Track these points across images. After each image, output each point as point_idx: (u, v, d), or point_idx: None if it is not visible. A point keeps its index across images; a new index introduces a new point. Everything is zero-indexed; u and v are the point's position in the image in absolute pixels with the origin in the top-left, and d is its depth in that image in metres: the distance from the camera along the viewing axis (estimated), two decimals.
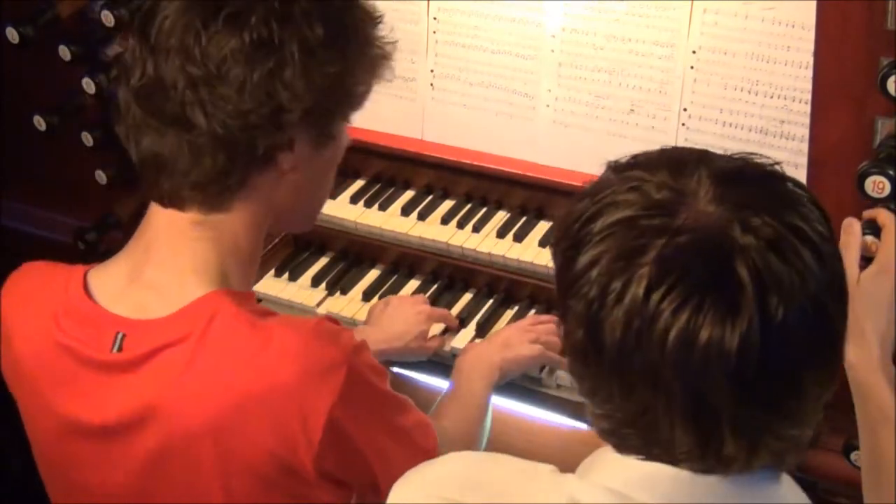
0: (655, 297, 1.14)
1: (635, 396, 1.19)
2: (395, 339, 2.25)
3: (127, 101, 1.59)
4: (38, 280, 1.73)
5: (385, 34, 1.67)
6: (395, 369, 2.31)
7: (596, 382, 1.22)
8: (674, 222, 1.17)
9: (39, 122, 2.45)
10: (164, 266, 1.62)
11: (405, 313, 2.29)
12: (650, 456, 1.23)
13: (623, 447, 1.25)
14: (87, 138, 2.38)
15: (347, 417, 1.56)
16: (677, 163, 1.23)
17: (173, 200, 1.61)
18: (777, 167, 1.26)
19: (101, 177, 2.49)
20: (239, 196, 1.61)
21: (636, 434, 1.22)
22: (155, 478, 1.62)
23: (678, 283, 1.14)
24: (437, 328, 2.34)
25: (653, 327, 1.14)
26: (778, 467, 1.26)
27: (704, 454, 1.20)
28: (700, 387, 1.15)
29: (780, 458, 1.24)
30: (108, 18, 2.31)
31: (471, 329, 2.36)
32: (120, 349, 1.59)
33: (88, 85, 2.33)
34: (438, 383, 2.28)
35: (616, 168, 1.27)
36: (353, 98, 1.66)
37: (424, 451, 1.70)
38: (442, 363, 2.30)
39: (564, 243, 1.25)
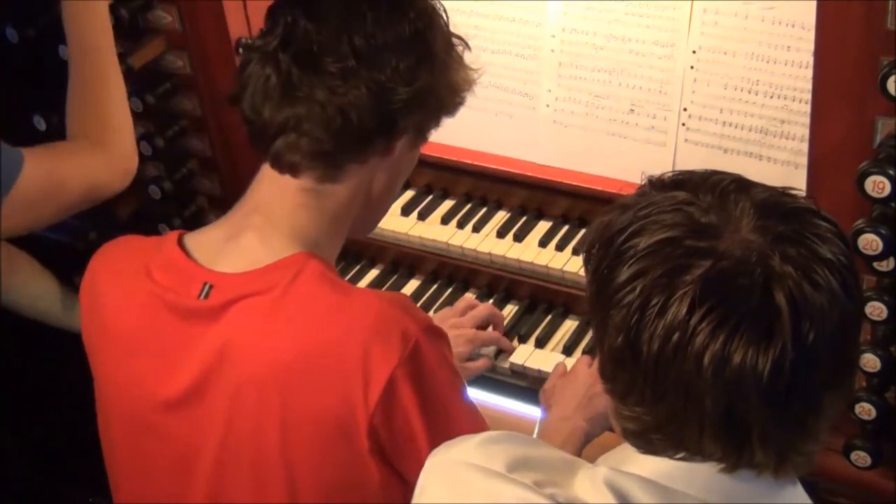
0: (696, 315, 1.20)
1: (666, 402, 1.24)
2: None
3: (279, 61, 1.63)
4: (130, 245, 1.81)
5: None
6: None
7: (629, 386, 1.28)
8: (718, 247, 1.23)
9: (39, 122, 2.44)
10: (262, 231, 1.69)
11: None
12: (675, 458, 1.28)
13: (647, 449, 1.30)
14: None
15: (406, 388, 1.59)
16: (721, 189, 1.29)
17: (293, 167, 1.66)
18: (809, 200, 1.32)
19: None
20: (351, 172, 1.68)
21: (663, 438, 1.28)
22: (232, 431, 1.66)
23: (719, 304, 1.20)
24: (489, 350, 2.26)
25: (691, 343, 1.20)
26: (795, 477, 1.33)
27: (738, 461, 1.26)
28: (730, 402, 1.21)
29: (797, 471, 1.30)
30: None
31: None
32: (206, 297, 1.65)
33: None
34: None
35: (658, 185, 1.34)
36: (456, 105, 1.76)
37: None
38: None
39: (603, 252, 1.31)
